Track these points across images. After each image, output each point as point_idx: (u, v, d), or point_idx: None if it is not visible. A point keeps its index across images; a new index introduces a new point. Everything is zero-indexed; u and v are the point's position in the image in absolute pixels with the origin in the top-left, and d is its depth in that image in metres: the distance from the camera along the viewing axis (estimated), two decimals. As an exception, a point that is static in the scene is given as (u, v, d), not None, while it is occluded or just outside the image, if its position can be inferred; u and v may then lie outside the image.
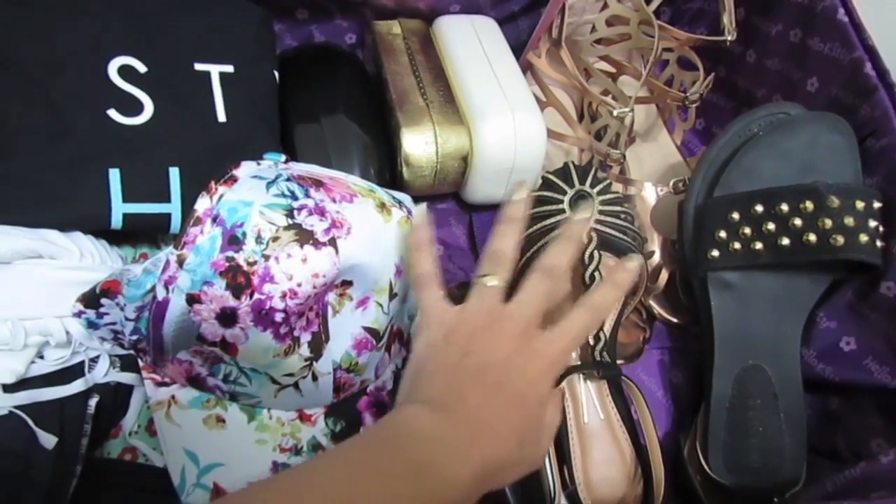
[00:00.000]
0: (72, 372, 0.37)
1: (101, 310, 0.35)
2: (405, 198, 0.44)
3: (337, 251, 0.36)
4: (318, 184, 0.38)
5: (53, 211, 0.38)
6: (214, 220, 0.34)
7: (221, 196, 0.35)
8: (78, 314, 0.35)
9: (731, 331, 0.45)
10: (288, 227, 0.35)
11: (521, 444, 0.31)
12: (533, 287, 0.35)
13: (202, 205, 0.35)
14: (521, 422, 0.31)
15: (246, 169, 0.38)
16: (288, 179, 0.37)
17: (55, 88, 0.40)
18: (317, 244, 0.35)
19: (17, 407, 0.33)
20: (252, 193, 0.35)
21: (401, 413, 0.30)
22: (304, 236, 0.35)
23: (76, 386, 0.36)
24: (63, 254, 0.36)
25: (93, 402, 0.37)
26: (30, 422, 0.33)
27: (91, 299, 0.35)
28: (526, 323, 0.33)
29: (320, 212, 0.36)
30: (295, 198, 0.36)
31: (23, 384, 0.34)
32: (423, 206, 0.40)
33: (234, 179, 0.36)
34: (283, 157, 0.40)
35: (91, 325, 0.36)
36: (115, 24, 0.42)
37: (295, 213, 0.35)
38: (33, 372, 0.35)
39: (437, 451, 0.28)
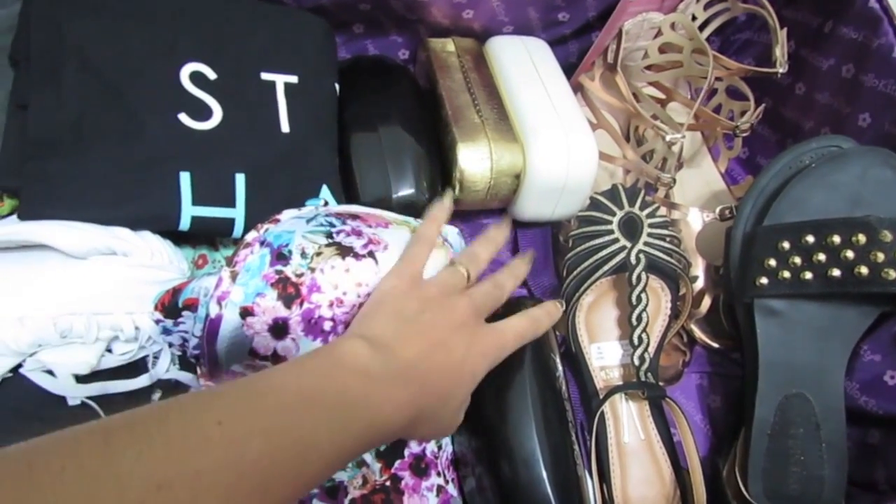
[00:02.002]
0: (137, 367, 0.37)
1: (179, 319, 0.36)
2: (449, 229, 0.46)
3: (376, 262, 0.37)
4: (355, 216, 0.40)
5: (127, 209, 0.39)
6: (262, 243, 0.37)
7: (267, 229, 0.38)
8: (156, 321, 0.36)
9: (775, 358, 0.46)
10: (329, 245, 0.37)
11: (446, 405, 0.34)
12: (491, 287, 0.39)
13: (250, 235, 0.37)
14: (451, 384, 0.33)
15: (287, 213, 0.40)
16: (326, 215, 0.40)
17: (129, 91, 0.41)
18: (357, 256, 0.37)
19: (88, 398, 0.34)
20: (293, 226, 0.38)
21: (342, 344, 0.31)
22: (345, 251, 0.37)
23: (142, 380, 0.37)
24: (135, 251, 0.37)
25: (156, 396, 0.38)
26: (101, 413, 0.34)
27: (172, 310, 0.37)
28: (477, 308, 0.36)
29: (357, 233, 0.38)
30: (333, 226, 0.38)
31: (94, 376, 0.35)
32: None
33: (276, 220, 0.39)
34: (323, 201, 0.43)
35: (166, 332, 0.37)
36: (188, 32, 0.44)
37: (334, 234, 0.37)
38: (103, 365, 0.35)
39: (370, 388, 0.29)
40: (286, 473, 0.24)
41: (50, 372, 0.34)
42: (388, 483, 0.40)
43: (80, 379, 0.34)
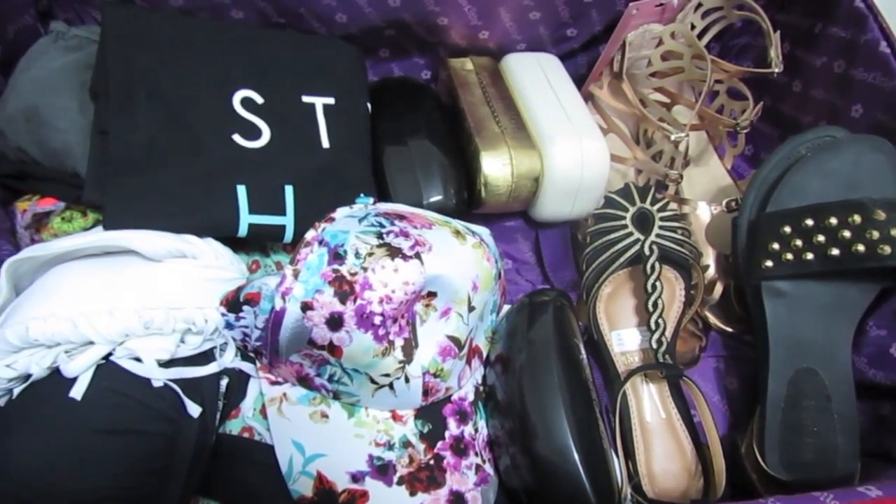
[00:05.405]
0: (206, 356, 0.42)
1: (240, 314, 0.41)
2: (481, 230, 0.50)
3: (422, 263, 0.41)
4: (401, 217, 0.45)
5: (193, 219, 0.44)
6: (320, 242, 0.41)
7: (324, 228, 0.42)
8: (222, 315, 0.42)
9: (784, 336, 0.49)
10: (380, 245, 0.41)
11: None
12: None
13: (309, 234, 0.42)
14: None
15: (341, 211, 0.45)
16: (376, 215, 0.44)
17: (191, 116, 0.47)
18: (405, 257, 0.41)
19: (169, 381, 0.39)
20: (347, 225, 0.42)
21: None
22: (394, 251, 0.41)
23: (212, 367, 0.41)
24: (202, 254, 0.42)
25: (223, 382, 0.42)
26: (181, 392, 0.39)
27: (234, 305, 0.41)
28: None
29: (405, 234, 0.42)
30: (383, 226, 0.43)
31: (172, 362, 0.40)
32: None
33: (332, 219, 0.44)
34: (372, 200, 0.47)
35: (228, 326, 0.42)
36: (238, 63, 0.50)
37: (384, 235, 0.42)
38: (179, 354, 0.40)
39: None
40: None
41: (137, 359, 0.39)
42: (431, 462, 0.44)
43: (162, 364, 0.39)
